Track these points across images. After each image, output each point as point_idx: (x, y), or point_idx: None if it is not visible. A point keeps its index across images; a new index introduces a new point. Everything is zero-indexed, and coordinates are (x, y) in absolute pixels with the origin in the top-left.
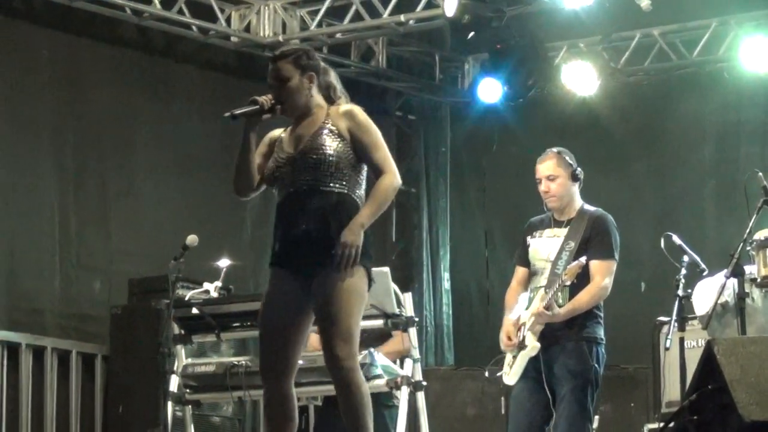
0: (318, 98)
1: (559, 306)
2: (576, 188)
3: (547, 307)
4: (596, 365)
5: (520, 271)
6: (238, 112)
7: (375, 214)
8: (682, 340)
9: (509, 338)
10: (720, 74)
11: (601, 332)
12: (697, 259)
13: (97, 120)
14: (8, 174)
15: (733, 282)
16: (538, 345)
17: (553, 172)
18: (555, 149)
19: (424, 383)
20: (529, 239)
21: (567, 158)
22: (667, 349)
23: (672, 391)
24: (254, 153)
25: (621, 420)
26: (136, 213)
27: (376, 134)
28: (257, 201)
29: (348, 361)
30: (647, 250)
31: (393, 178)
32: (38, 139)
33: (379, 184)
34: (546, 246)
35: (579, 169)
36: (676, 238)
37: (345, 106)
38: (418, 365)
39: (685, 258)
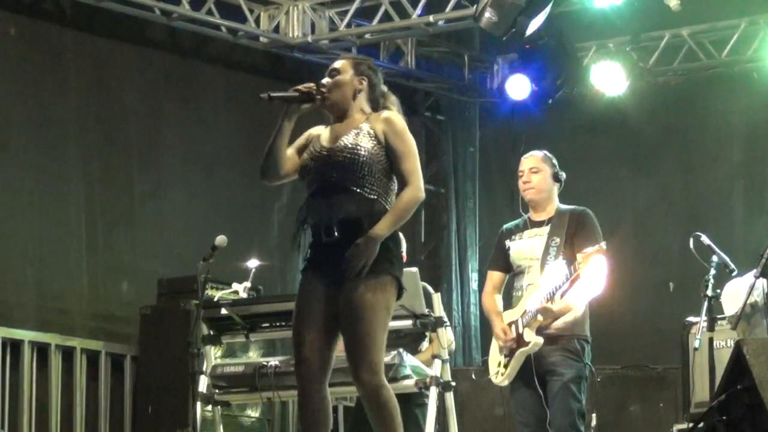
0: (363, 105)
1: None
2: (556, 189)
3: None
4: (588, 363)
5: (495, 276)
6: (275, 94)
7: (394, 226)
8: (711, 341)
9: (505, 333)
10: (749, 74)
11: (589, 330)
12: (726, 259)
13: (125, 121)
14: (35, 175)
15: (762, 282)
16: (541, 340)
17: (536, 166)
18: (542, 151)
19: (453, 383)
20: (507, 242)
21: (552, 160)
22: (696, 349)
23: (701, 391)
24: (285, 140)
25: (650, 420)
26: (163, 214)
27: (409, 144)
28: (285, 202)
29: (371, 377)
30: (676, 251)
31: (416, 191)
32: (65, 141)
33: (402, 196)
34: (529, 245)
35: (563, 173)
36: (705, 238)
37: (385, 112)
38: (447, 365)
39: (714, 258)
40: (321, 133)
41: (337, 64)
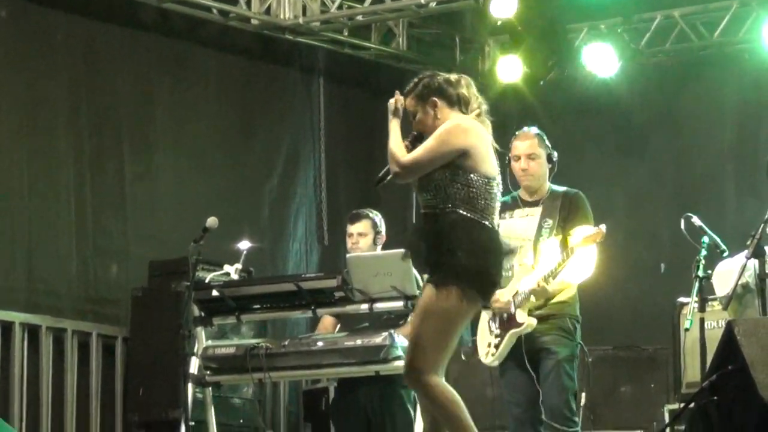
0: (451, 115)
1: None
2: (547, 171)
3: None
4: (580, 342)
5: None
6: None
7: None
8: (702, 321)
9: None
10: (741, 55)
11: (579, 311)
12: (718, 239)
13: (115, 103)
14: (25, 157)
15: (753, 263)
16: (534, 322)
17: (534, 151)
18: (534, 130)
19: None
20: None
21: (545, 140)
22: (687, 329)
23: (692, 371)
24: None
25: (641, 400)
26: (154, 196)
27: (432, 138)
28: (275, 184)
29: (416, 377)
30: (667, 231)
31: (396, 165)
32: (55, 123)
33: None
34: (520, 225)
35: (554, 153)
36: (696, 220)
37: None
38: None
39: (705, 239)
40: None
41: (408, 109)
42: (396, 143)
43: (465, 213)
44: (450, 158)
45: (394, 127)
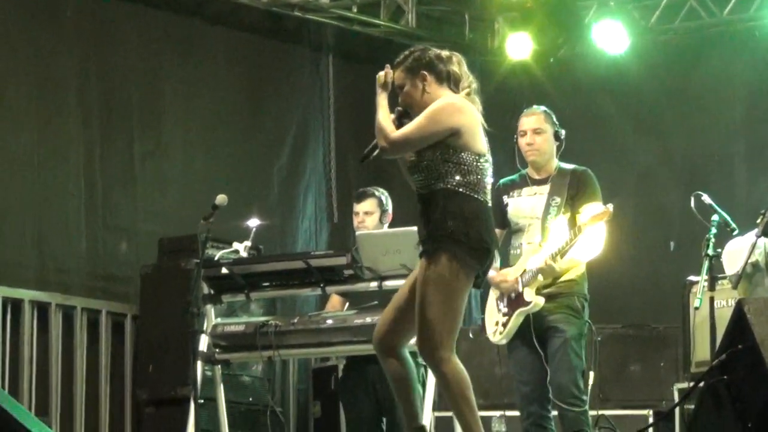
0: (440, 92)
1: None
2: (555, 148)
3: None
4: (588, 320)
5: None
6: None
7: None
8: (712, 300)
9: (506, 280)
10: (751, 33)
11: (587, 289)
12: (728, 218)
13: (125, 80)
14: (35, 134)
15: (763, 241)
16: (542, 301)
17: (540, 126)
18: (542, 108)
19: None
20: (505, 199)
21: (553, 118)
22: (696, 308)
23: (702, 350)
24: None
25: (650, 379)
26: (163, 173)
27: (423, 115)
28: (285, 162)
29: (429, 353)
30: (677, 210)
31: (384, 140)
32: (64, 100)
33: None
34: (529, 204)
35: (562, 131)
36: (706, 198)
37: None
38: None
39: (715, 217)
40: None
41: (396, 80)
42: (384, 118)
43: (456, 188)
44: (441, 137)
45: (383, 101)
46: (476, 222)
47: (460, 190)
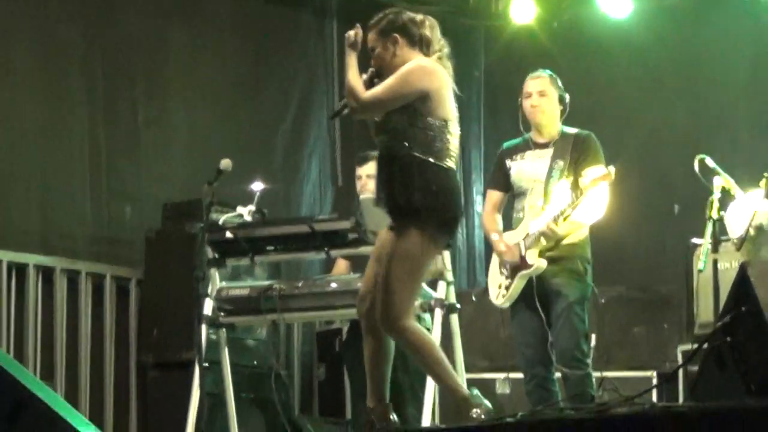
0: (411, 55)
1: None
2: (559, 112)
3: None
4: (591, 284)
5: (495, 195)
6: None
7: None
8: (715, 262)
9: (509, 248)
10: None
11: (590, 253)
12: (731, 180)
13: (129, 47)
14: (39, 100)
15: (767, 203)
16: (545, 263)
17: (545, 89)
18: (548, 71)
19: (458, 306)
20: (509, 162)
21: (558, 82)
22: (700, 271)
23: (705, 312)
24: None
25: (654, 341)
26: (168, 139)
27: (394, 77)
28: (289, 126)
29: (392, 323)
30: (680, 173)
31: (354, 100)
32: (69, 67)
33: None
34: (531, 167)
35: (567, 95)
36: (709, 161)
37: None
38: (452, 288)
39: (718, 180)
40: None
41: (368, 43)
42: (354, 78)
43: (421, 155)
44: (410, 99)
45: (352, 60)
46: (444, 195)
47: (428, 159)
